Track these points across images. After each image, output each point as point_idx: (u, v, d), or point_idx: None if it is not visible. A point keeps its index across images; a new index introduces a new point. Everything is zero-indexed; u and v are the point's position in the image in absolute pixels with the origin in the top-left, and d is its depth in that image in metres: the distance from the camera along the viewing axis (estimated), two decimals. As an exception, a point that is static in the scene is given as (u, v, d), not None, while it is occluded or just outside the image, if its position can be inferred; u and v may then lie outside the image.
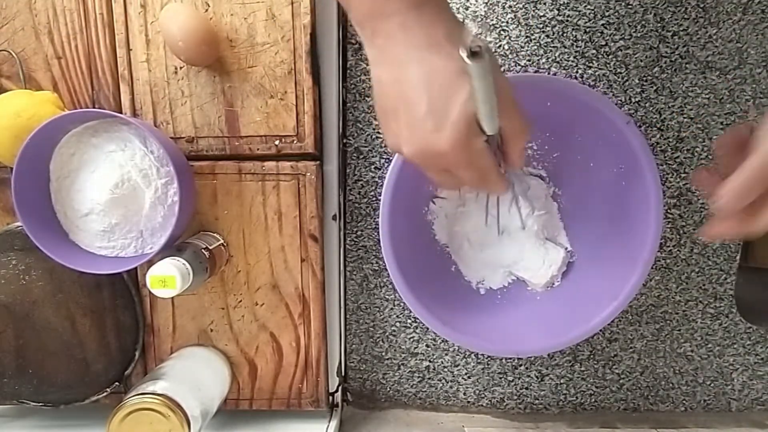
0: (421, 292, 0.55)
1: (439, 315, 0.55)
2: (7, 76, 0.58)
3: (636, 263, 0.52)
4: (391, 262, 0.54)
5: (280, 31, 0.55)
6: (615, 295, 0.53)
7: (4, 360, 0.58)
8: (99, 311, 0.59)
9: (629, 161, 0.52)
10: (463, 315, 0.57)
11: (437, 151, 0.36)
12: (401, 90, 0.36)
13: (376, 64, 0.38)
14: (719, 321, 0.67)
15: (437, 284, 0.59)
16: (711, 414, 0.69)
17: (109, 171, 0.52)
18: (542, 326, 0.57)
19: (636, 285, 0.52)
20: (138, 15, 0.56)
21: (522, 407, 0.70)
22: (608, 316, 0.53)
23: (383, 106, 0.39)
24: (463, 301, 0.59)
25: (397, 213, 0.54)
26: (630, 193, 0.53)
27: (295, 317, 0.61)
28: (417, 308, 0.54)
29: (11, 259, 0.57)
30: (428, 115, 0.35)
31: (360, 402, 0.71)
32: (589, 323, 0.53)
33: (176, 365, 0.57)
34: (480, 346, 0.56)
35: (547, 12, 0.61)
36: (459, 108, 0.35)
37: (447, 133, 0.35)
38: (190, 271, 0.50)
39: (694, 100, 0.62)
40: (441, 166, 0.38)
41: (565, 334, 0.54)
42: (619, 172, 0.54)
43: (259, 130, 0.57)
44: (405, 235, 0.55)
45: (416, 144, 0.37)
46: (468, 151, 0.36)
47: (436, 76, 0.35)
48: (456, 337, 0.55)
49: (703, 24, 0.60)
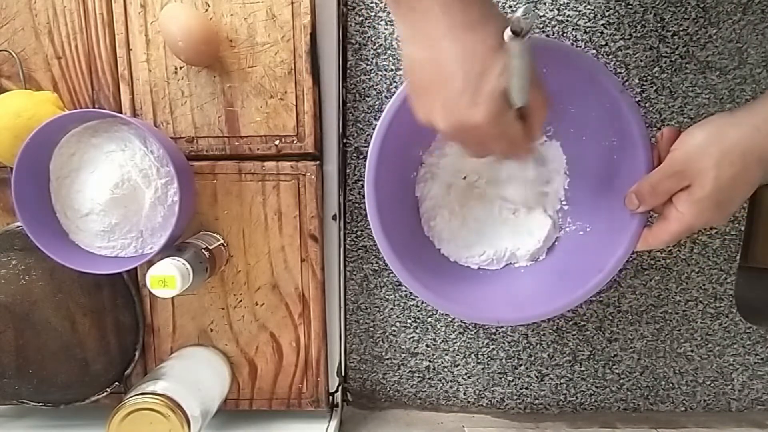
0: (405, 259, 0.54)
1: (423, 280, 0.54)
2: (7, 76, 0.58)
3: (623, 235, 0.51)
4: (376, 224, 0.52)
5: (280, 31, 0.55)
6: (601, 267, 0.53)
7: (4, 360, 0.58)
8: (99, 311, 0.59)
9: (622, 133, 0.51)
10: (445, 283, 0.57)
11: (472, 124, 0.38)
12: (436, 68, 0.38)
13: (409, 41, 0.39)
14: (719, 321, 0.67)
15: (423, 254, 0.58)
16: (711, 414, 0.69)
17: (109, 171, 0.52)
18: (527, 295, 0.56)
19: (622, 258, 0.52)
20: (138, 15, 0.56)
21: (522, 407, 0.70)
22: (594, 287, 0.53)
23: (416, 83, 0.40)
24: (446, 271, 0.59)
25: (384, 179, 0.53)
26: (621, 166, 0.53)
27: (295, 317, 0.61)
28: (401, 273, 0.53)
29: (11, 259, 0.57)
30: (464, 91, 0.37)
31: (360, 402, 0.71)
32: (575, 293, 0.53)
33: (176, 365, 0.57)
34: (462, 312, 0.55)
35: (547, 12, 0.61)
36: (493, 83, 0.37)
37: (481, 107, 0.37)
38: (190, 271, 0.50)
39: (694, 100, 0.62)
40: (475, 138, 0.40)
41: (551, 304, 0.54)
42: (611, 145, 0.53)
43: (259, 130, 0.57)
44: (391, 201, 0.54)
45: (452, 119, 0.38)
46: (501, 123, 0.38)
47: (471, 54, 0.37)
48: (438, 302, 0.54)
49: (703, 24, 0.60)
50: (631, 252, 0.51)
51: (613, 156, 0.53)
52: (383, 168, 0.53)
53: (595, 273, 0.52)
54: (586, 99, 0.53)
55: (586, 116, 0.54)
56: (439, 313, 0.68)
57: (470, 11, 0.37)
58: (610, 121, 0.52)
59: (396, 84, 0.63)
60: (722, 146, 0.42)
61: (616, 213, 0.52)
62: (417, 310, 0.68)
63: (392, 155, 0.53)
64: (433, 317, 0.68)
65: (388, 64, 0.63)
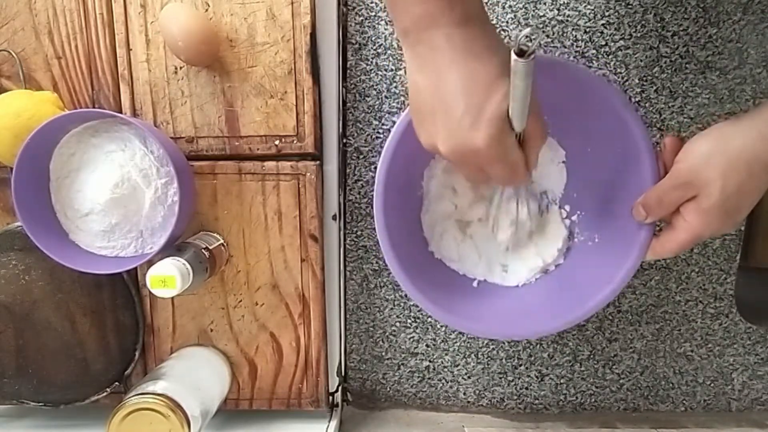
0: (416, 279, 0.54)
1: (430, 295, 0.54)
2: (7, 76, 0.58)
3: (632, 246, 0.51)
4: (383, 234, 0.53)
5: (280, 31, 0.55)
6: (610, 278, 0.52)
7: (4, 360, 0.58)
8: (99, 311, 0.59)
9: (627, 145, 0.51)
10: (450, 296, 0.57)
11: (473, 148, 0.38)
12: (440, 94, 0.39)
13: (415, 70, 0.40)
14: (719, 321, 0.67)
15: (430, 271, 0.59)
16: (711, 414, 0.69)
17: (109, 171, 0.52)
18: (537, 310, 0.56)
19: (631, 269, 0.52)
20: (138, 15, 0.56)
21: (522, 407, 0.70)
22: (603, 300, 0.53)
23: (420, 109, 0.41)
24: (452, 285, 0.59)
25: (392, 192, 0.53)
26: (627, 177, 0.53)
27: (295, 317, 0.61)
28: (411, 290, 0.53)
29: (11, 259, 0.57)
30: (465, 115, 0.38)
31: (360, 402, 0.71)
32: (583, 308, 0.53)
33: (176, 365, 0.57)
34: (466, 326, 0.55)
35: (547, 12, 0.61)
36: (494, 107, 0.37)
37: (482, 131, 0.38)
38: (190, 271, 0.50)
39: (694, 100, 0.62)
40: (475, 162, 0.40)
41: (558, 319, 0.54)
42: (616, 157, 0.53)
43: (259, 130, 0.57)
44: (398, 213, 0.55)
45: (453, 142, 0.39)
46: (501, 147, 0.39)
47: (474, 81, 0.38)
48: (441, 315, 0.54)
49: (703, 24, 0.60)
50: (640, 262, 0.51)
51: (618, 167, 0.53)
52: (390, 191, 0.53)
53: (604, 285, 0.52)
54: (590, 112, 0.53)
55: (591, 129, 0.54)
56: (439, 313, 0.68)
57: (474, 43, 0.38)
58: (614, 134, 0.52)
59: (396, 84, 0.63)
60: (727, 155, 0.41)
61: (624, 224, 0.52)
62: (417, 310, 0.68)
63: (398, 176, 0.54)
64: (432, 317, 0.68)
65: (388, 64, 0.63)
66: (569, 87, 0.51)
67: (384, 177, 0.52)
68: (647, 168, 0.50)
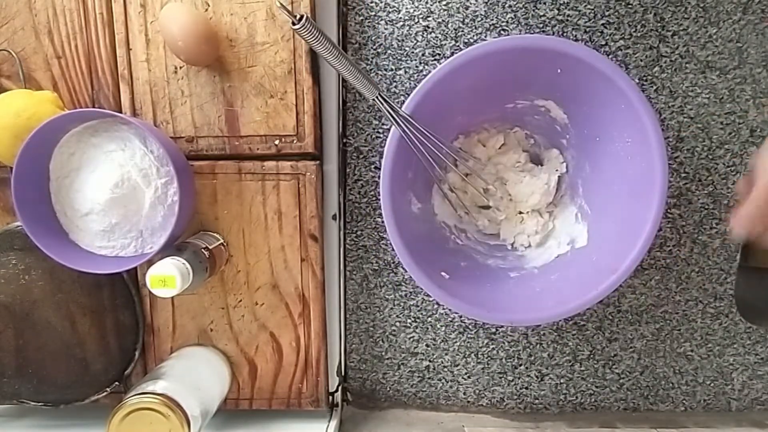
0: (419, 257, 0.54)
1: (435, 279, 0.54)
2: (7, 76, 0.58)
3: (637, 236, 0.52)
4: (389, 216, 0.53)
5: (280, 30, 0.55)
6: (615, 268, 0.53)
7: (4, 360, 0.58)
8: (99, 311, 0.59)
9: (637, 134, 0.51)
10: (458, 282, 0.57)
11: None
12: None
13: None
14: (719, 321, 0.67)
15: (435, 253, 0.59)
16: (711, 414, 0.69)
17: (109, 171, 0.52)
18: (540, 296, 0.56)
19: (636, 259, 0.52)
20: (138, 15, 0.56)
21: (522, 407, 0.70)
22: (607, 288, 0.53)
23: None
24: (460, 270, 0.59)
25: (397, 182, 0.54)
26: (636, 167, 0.53)
27: (295, 317, 0.61)
28: (415, 271, 0.54)
29: (11, 259, 0.57)
30: None
31: (360, 402, 0.71)
32: (588, 294, 0.53)
33: (176, 365, 0.57)
34: (474, 312, 0.55)
35: (547, 12, 0.61)
36: None
37: None
38: (190, 271, 0.50)
39: (694, 100, 0.62)
40: None
41: (563, 305, 0.54)
42: (625, 147, 0.53)
43: (259, 129, 0.57)
44: (407, 215, 0.56)
45: None
46: None
47: None
48: (449, 300, 0.55)
49: (703, 24, 0.60)
50: (647, 251, 0.52)
51: (627, 157, 0.53)
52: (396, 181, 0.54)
53: (609, 274, 0.53)
54: (600, 100, 0.53)
55: (601, 117, 0.54)
56: (439, 313, 0.68)
57: None
58: (624, 123, 0.52)
59: (396, 84, 0.63)
60: None
61: (631, 214, 0.52)
62: (417, 310, 0.68)
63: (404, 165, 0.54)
64: (433, 317, 0.68)
65: (388, 64, 0.63)
66: (580, 73, 0.51)
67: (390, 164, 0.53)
68: (656, 158, 0.50)
